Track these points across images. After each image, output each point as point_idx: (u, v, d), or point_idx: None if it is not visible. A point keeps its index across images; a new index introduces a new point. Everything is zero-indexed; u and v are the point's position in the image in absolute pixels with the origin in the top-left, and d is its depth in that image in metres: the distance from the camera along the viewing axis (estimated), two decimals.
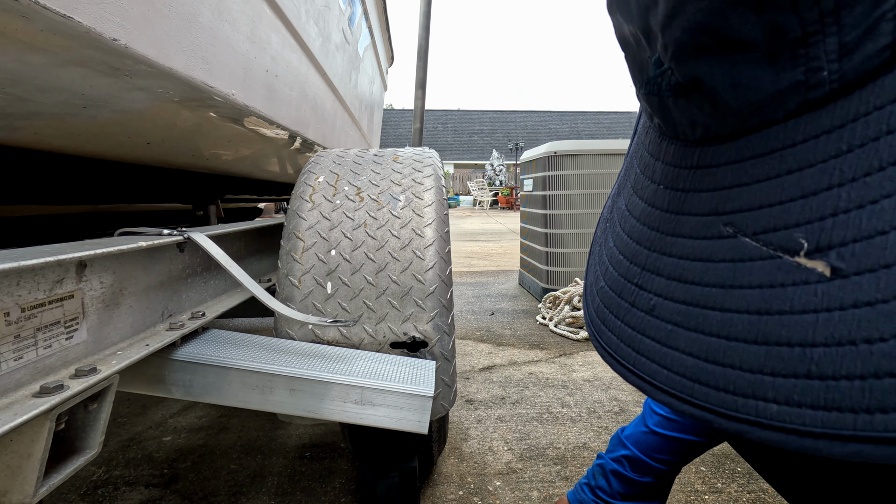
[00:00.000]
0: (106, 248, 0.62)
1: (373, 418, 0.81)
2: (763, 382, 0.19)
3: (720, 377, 0.21)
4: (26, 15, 0.48)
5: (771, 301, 0.20)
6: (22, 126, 0.75)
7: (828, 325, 0.18)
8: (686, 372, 0.22)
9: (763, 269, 0.20)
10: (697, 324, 0.23)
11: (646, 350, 0.25)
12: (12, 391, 0.49)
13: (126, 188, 1.24)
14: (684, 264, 0.24)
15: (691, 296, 0.23)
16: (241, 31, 0.96)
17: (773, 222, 0.20)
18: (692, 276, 0.23)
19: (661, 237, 0.26)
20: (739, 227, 0.22)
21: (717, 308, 0.22)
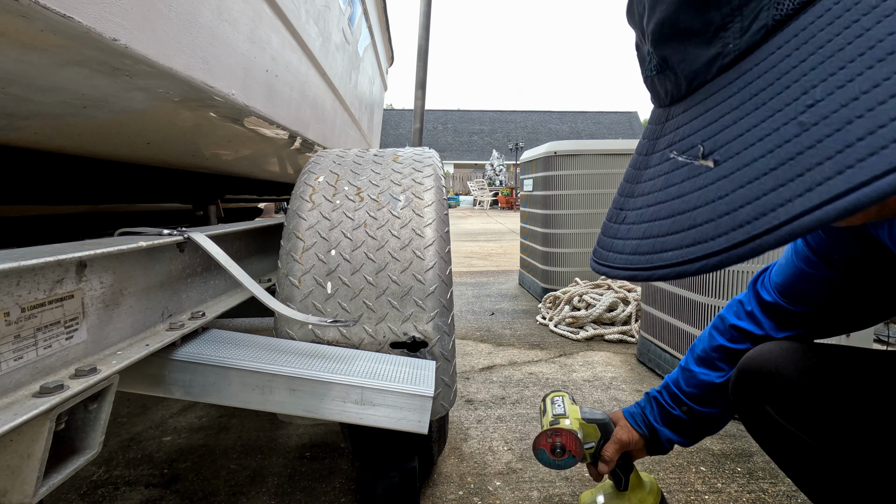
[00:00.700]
0: (106, 248, 0.62)
1: (373, 418, 0.81)
2: (665, 241, 0.31)
3: (645, 247, 0.32)
4: (26, 15, 0.48)
5: (681, 190, 0.31)
6: (22, 126, 0.75)
7: (703, 196, 0.29)
8: (630, 250, 0.34)
9: (681, 173, 0.32)
10: (642, 218, 0.34)
11: (614, 248, 0.36)
12: (12, 391, 0.49)
13: (126, 188, 1.24)
14: (645, 185, 0.35)
15: (643, 202, 0.34)
16: (241, 31, 0.96)
17: (691, 142, 0.32)
18: (647, 190, 0.35)
19: (637, 173, 0.37)
20: (677, 149, 0.33)
21: (654, 204, 0.33)
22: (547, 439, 0.91)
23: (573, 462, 0.91)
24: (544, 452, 0.91)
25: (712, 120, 0.31)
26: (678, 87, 0.35)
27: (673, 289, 1.87)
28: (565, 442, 0.90)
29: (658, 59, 0.35)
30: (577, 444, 0.90)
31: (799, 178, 0.24)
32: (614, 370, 2.08)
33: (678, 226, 0.30)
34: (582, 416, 0.93)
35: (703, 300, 1.67)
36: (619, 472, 0.95)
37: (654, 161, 0.35)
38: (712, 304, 1.63)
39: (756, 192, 0.26)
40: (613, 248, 0.35)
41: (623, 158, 3.19)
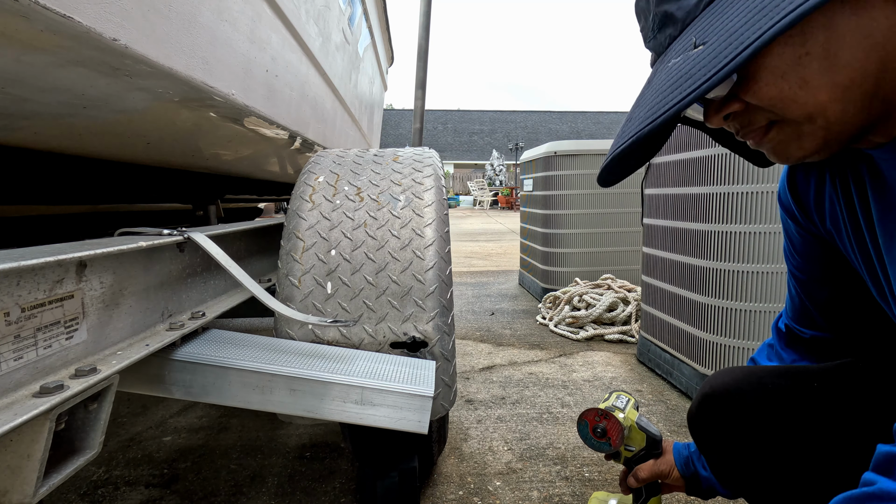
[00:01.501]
0: (106, 248, 0.62)
1: (373, 418, 0.81)
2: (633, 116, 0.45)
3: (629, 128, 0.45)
4: (27, 15, 0.48)
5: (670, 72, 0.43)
6: (22, 126, 0.75)
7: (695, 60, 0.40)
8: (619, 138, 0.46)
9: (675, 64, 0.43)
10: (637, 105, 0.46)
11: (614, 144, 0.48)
12: (12, 391, 0.49)
13: (126, 188, 1.24)
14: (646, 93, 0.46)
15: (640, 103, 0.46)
16: (241, 31, 0.96)
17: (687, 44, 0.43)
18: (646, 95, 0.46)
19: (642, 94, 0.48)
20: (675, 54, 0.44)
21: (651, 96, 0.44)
22: (595, 417, 0.92)
23: (607, 449, 0.92)
24: (587, 426, 0.93)
25: (704, 27, 0.42)
26: (675, 30, 0.46)
27: (673, 289, 1.87)
28: (609, 428, 0.91)
29: (661, 17, 0.46)
30: (619, 436, 0.91)
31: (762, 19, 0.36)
32: (614, 370, 2.08)
33: (673, 87, 0.41)
34: (637, 421, 0.94)
35: (705, 300, 1.67)
36: (643, 490, 0.95)
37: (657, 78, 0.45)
38: (712, 304, 1.63)
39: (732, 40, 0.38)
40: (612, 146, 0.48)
41: None
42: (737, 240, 1.56)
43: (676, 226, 1.84)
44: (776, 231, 1.53)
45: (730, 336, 1.59)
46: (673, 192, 1.86)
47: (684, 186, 1.78)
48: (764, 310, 1.55)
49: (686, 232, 1.77)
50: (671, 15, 0.45)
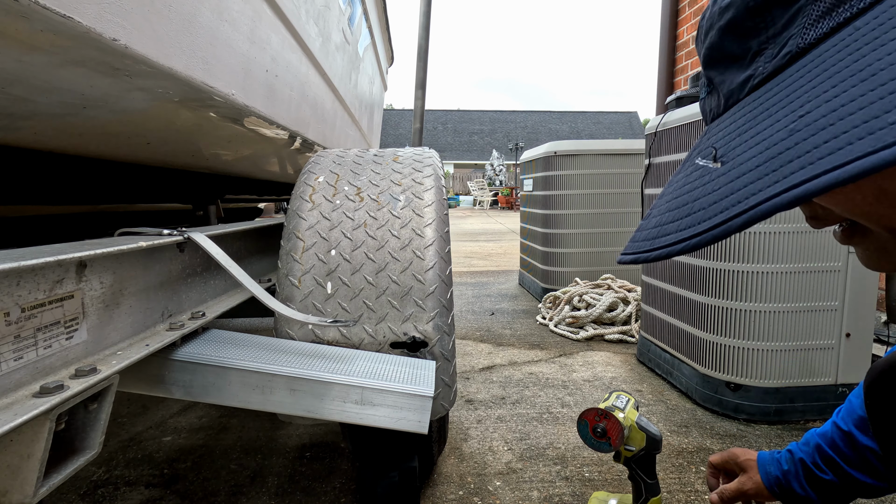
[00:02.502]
0: (106, 248, 0.62)
1: (373, 418, 0.81)
2: (667, 228, 0.36)
3: (652, 234, 0.38)
4: (26, 15, 0.48)
5: (693, 186, 0.36)
6: (22, 126, 0.75)
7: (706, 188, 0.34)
8: (641, 239, 0.39)
9: (696, 174, 0.37)
10: (659, 212, 0.39)
11: (634, 239, 0.41)
12: (12, 391, 0.49)
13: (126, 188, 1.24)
14: (669, 189, 0.40)
15: (664, 201, 0.39)
16: (241, 31, 0.96)
17: (711, 149, 0.37)
18: (668, 192, 0.40)
19: (672, 177, 0.42)
20: (701, 156, 0.38)
21: (670, 200, 0.38)
22: (595, 417, 0.93)
23: (607, 449, 0.92)
24: (587, 426, 0.93)
25: (732, 130, 0.35)
26: (718, 105, 0.40)
27: (673, 289, 1.87)
28: (609, 428, 0.92)
29: (707, 80, 0.41)
30: (619, 436, 0.91)
31: (773, 172, 0.28)
32: (614, 370, 2.08)
33: (680, 214, 0.35)
34: (637, 420, 0.94)
35: (705, 300, 1.67)
36: (643, 489, 0.95)
37: (684, 169, 0.41)
38: (712, 304, 1.63)
39: (740, 184, 0.31)
40: (633, 239, 0.41)
41: (623, 158, 3.19)
42: (737, 239, 1.56)
43: None
44: (776, 231, 1.53)
45: (730, 336, 1.59)
46: None
47: None
48: (764, 310, 1.55)
49: None
50: (716, 88, 0.39)
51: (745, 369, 1.58)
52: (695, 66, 3.55)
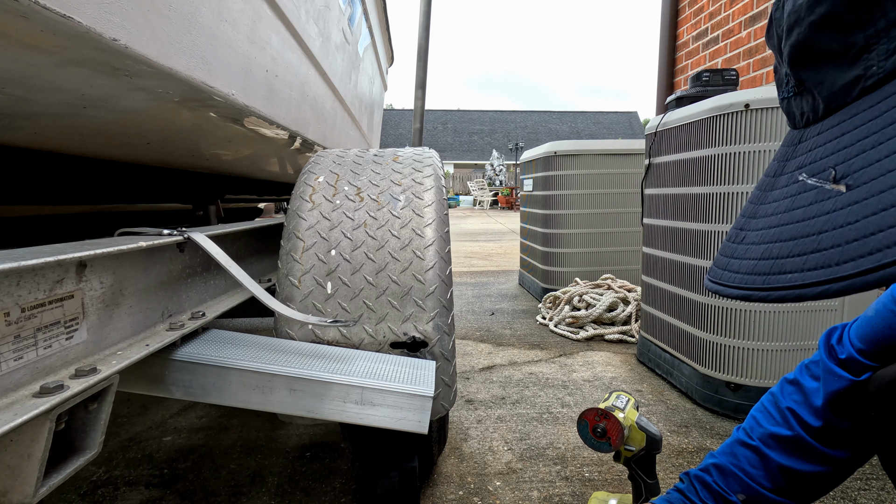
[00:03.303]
0: (106, 248, 0.62)
1: (373, 418, 0.81)
2: (786, 263, 0.31)
3: (762, 268, 0.32)
4: (26, 15, 0.48)
5: (807, 213, 0.31)
6: (22, 126, 0.75)
7: (829, 220, 0.29)
8: (746, 270, 0.33)
9: (809, 196, 0.32)
10: (762, 239, 0.34)
11: (730, 267, 0.36)
12: (12, 391, 0.49)
13: (126, 188, 1.24)
14: (768, 206, 0.35)
15: (766, 223, 0.34)
16: (241, 31, 0.96)
17: (825, 165, 0.31)
18: (771, 211, 0.35)
19: (763, 194, 0.37)
20: (808, 171, 0.33)
21: (777, 225, 0.33)
22: (595, 417, 0.93)
23: (606, 449, 0.93)
24: (587, 426, 0.93)
25: (849, 143, 0.30)
26: (815, 109, 0.34)
27: (673, 289, 1.87)
28: (609, 428, 0.92)
29: (795, 80, 0.35)
30: (619, 436, 0.92)
31: None
32: (614, 370, 2.08)
33: (801, 248, 0.30)
34: (637, 420, 0.95)
35: (705, 300, 1.67)
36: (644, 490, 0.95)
37: (782, 183, 0.35)
38: (712, 303, 1.63)
39: (889, 221, 0.25)
40: (729, 268, 0.35)
41: (623, 158, 3.19)
42: None
43: (676, 226, 1.84)
44: None
45: (730, 336, 1.59)
46: (673, 192, 1.86)
47: (684, 186, 1.78)
48: (764, 310, 1.55)
49: (686, 232, 1.77)
50: (809, 90, 0.34)
51: (745, 369, 1.58)
52: (695, 66, 3.55)
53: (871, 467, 1.28)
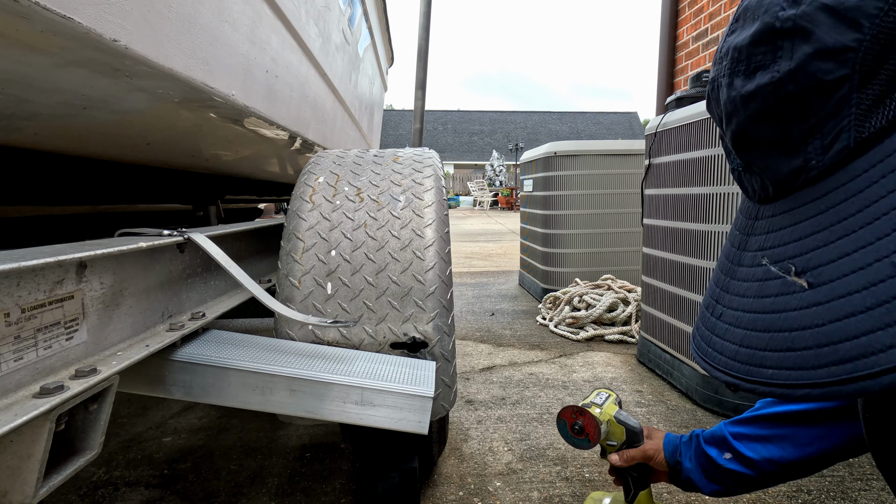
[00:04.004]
0: (106, 248, 0.62)
1: (373, 419, 0.81)
2: (765, 357, 0.31)
3: (743, 356, 0.32)
4: (27, 16, 0.48)
5: (776, 304, 0.31)
6: (22, 127, 0.75)
7: (799, 318, 0.29)
8: (730, 354, 0.34)
9: (775, 285, 0.32)
10: (739, 322, 0.34)
11: (713, 344, 0.36)
12: (12, 392, 0.49)
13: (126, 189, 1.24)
14: (739, 285, 0.36)
15: (740, 305, 0.35)
16: (242, 31, 0.96)
17: (785, 255, 0.32)
18: (741, 291, 0.35)
19: (732, 267, 0.37)
20: (770, 258, 0.33)
21: (750, 311, 0.33)
22: (571, 414, 0.94)
23: (586, 445, 0.93)
24: (565, 425, 0.94)
25: (802, 235, 0.31)
26: (765, 189, 0.36)
27: (673, 289, 1.87)
28: (586, 425, 0.93)
29: (742, 161, 0.36)
30: (596, 431, 0.92)
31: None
32: (614, 370, 2.08)
33: (776, 344, 0.30)
34: (615, 415, 0.95)
35: None
36: (631, 484, 0.95)
37: (747, 261, 0.36)
38: None
39: (855, 330, 0.26)
40: (712, 345, 0.36)
41: (623, 159, 3.19)
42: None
43: (676, 226, 1.84)
44: None
45: None
46: (673, 193, 1.86)
47: (684, 187, 1.78)
48: None
49: (686, 232, 1.77)
50: (756, 172, 0.35)
51: None
52: (695, 66, 3.55)
53: (872, 468, 1.28)
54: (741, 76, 0.33)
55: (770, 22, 0.31)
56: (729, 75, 0.34)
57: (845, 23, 0.28)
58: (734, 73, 0.34)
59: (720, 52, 0.36)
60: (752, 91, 0.32)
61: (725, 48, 0.35)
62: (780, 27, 0.30)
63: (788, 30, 0.30)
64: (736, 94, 0.34)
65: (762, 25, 0.31)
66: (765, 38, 0.31)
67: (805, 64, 0.29)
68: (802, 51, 0.29)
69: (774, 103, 0.31)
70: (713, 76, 0.37)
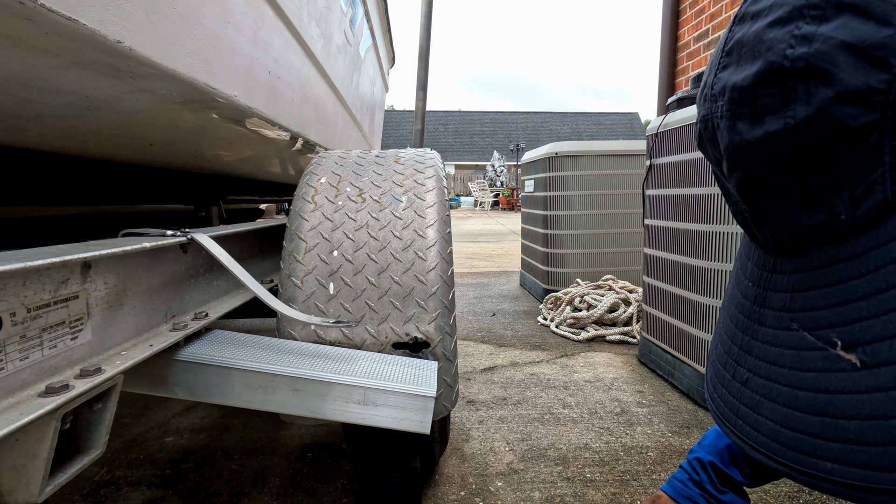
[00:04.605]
0: (110, 248, 0.63)
1: (375, 418, 0.81)
2: (821, 445, 0.27)
3: (792, 440, 0.28)
4: (32, 17, 0.49)
5: (822, 382, 0.27)
6: (26, 127, 0.76)
7: (859, 404, 0.25)
8: (769, 434, 0.30)
9: (816, 357, 0.28)
10: (775, 396, 0.30)
11: (742, 415, 0.32)
12: (18, 391, 0.49)
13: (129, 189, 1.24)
14: (766, 348, 0.32)
15: (771, 373, 0.31)
16: (244, 32, 0.97)
17: (820, 322, 0.28)
18: (771, 358, 0.31)
19: (751, 324, 0.33)
20: (801, 323, 0.29)
21: (787, 385, 0.29)
22: None
23: None
24: None
25: (839, 300, 0.27)
26: (781, 241, 0.31)
27: (674, 290, 1.87)
28: None
29: (749, 209, 0.32)
30: None
31: None
32: (616, 371, 2.08)
33: (833, 432, 0.26)
34: None
35: (706, 301, 1.67)
36: None
37: (771, 321, 0.32)
38: (714, 304, 1.63)
39: None
40: (742, 417, 0.32)
41: (624, 159, 3.20)
42: (738, 241, 1.56)
43: (678, 227, 1.84)
44: None
45: None
46: (674, 193, 1.86)
47: (685, 187, 1.78)
48: None
49: (687, 233, 1.77)
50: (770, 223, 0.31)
51: None
52: (696, 66, 3.55)
53: None
54: (745, 120, 0.29)
55: (776, 61, 0.27)
56: (730, 118, 0.30)
57: (871, 62, 0.24)
58: (736, 115, 0.30)
59: (711, 89, 0.32)
60: (762, 139, 0.28)
61: (720, 86, 0.31)
62: (791, 67, 0.26)
63: (801, 70, 0.26)
64: (741, 140, 0.30)
65: (766, 65, 0.27)
66: (772, 80, 0.27)
67: (826, 109, 0.26)
68: (822, 94, 0.26)
69: (790, 152, 0.27)
70: (705, 114, 0.33)
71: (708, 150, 0.34)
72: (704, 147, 0.34)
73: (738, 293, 0.36)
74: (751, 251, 0.36)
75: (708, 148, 0.34)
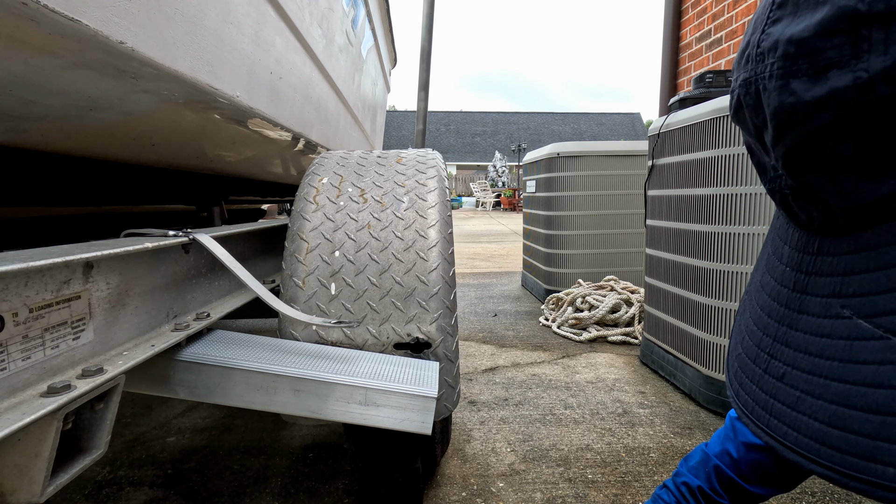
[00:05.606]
0: (112, 249, 0.63)
1: (376, 419, 0.81)
2: (881, 448, 0.23)
3: (842, 441, 0.25)
4: (35, 18, 0.49)
5: (882, 376, 0.24)
6: (29, 128, 0.76)
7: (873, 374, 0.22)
8: (813, 434, 0.26)
9: (875, 348, 0.24)
10: (821, 392, 0.27)
11: (778, 413, 0.29)
12: (20, 391, 0.49)
13: (131, 189, 1.25)
14: (809, 339, 0.28)
15: (815, 367, 0.27)
16: (246, 33, 0.97)
17: (882, 307, 0.25)
18: (815, 350, 0.28)
19: (789, 313, 0.30)
20: (855, 309, 0.26)
21: (837, 379, 0.26)
22: None
23: None
24: None
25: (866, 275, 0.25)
26: (829, 218, 0.28)
27: (676, 290, 1.87)
28: None
29: (794, 183, 0.29)
30: None
31: None
32: (617, 372, 2.08)
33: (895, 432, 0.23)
34: None
35: (708, 302, 1.67)
36: None
37: (815, 308, 0.29)
38: (716, 305, 1.63)
39: None
40: (778, 415, 0.29)
41: (626, 160, 3.19)
42: (740, 241, 1.56)
43: (680, 227, 1.83)
44: None
45: None
46: (676, 194, 1.86)
47: (687, 188, 1.78)
48: None
49: (689, 233, 1.77)
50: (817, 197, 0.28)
51: None
52: (697, 67, 3.55)
53: None
54: (803, 77, 0.26)
55: (849, 5, 0.23)
56: (782, 76, 0.27)
57: None
58: (791, 73, 0.26)
59: (758, 47, 0.29)
60: (824, 96, 0.25)
61: (770, 41, 0.27)
62: (868, 11, 0.23)
63: (879, 15, 0.23)
64: (796, 100, 0.26)
65: (836, 11, 0.24)
66: (842, 28, 0.24)
67: None
68: None
69: (858, 112, 0.24)
70: (747, 77, 0.30)
71: (747, 119, 0.30)
72: (742, 116, 0.31)
73: (770, 280, 0.33)
74: (788, 233, 0.32)
75: (747, 116, 0.30)
